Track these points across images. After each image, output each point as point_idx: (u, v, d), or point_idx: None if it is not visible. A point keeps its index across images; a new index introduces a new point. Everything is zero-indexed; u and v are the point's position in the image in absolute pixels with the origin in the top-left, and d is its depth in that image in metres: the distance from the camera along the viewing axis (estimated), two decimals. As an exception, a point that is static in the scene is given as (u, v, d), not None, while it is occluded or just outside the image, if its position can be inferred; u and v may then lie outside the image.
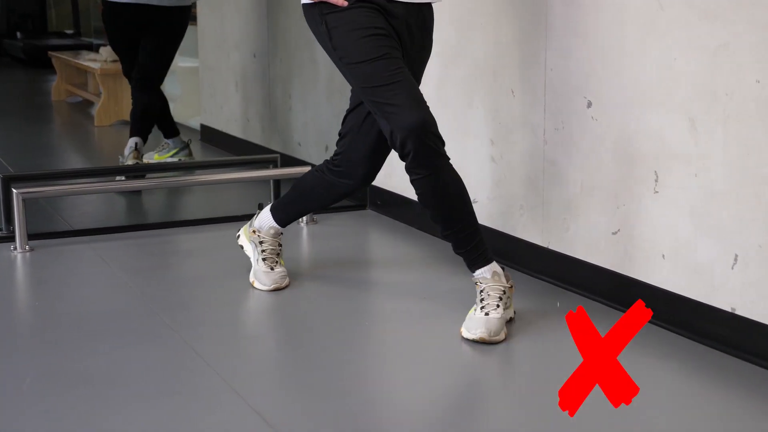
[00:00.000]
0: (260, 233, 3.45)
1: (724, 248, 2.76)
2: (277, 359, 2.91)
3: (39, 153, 6.37)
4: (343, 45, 2.92)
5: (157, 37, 5.20)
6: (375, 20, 2.90)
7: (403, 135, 2.81)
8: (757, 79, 2.60)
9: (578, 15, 3.18)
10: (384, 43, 2.88)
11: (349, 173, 3.21)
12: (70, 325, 3.08)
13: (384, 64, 2.86)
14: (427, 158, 2.85)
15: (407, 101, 2.83)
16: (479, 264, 2.97)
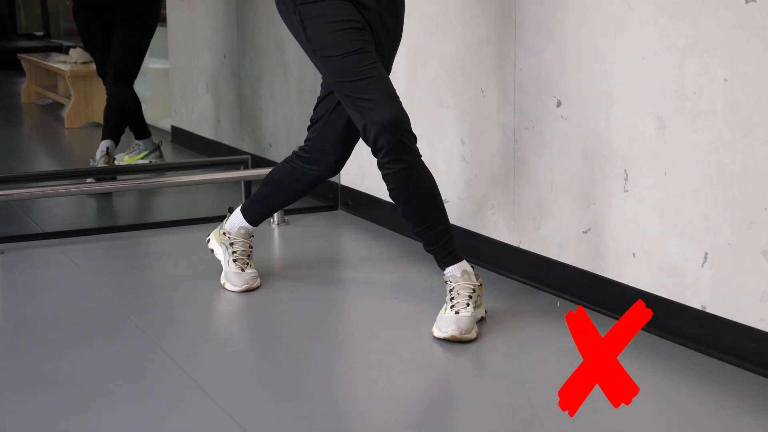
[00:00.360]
0: (230, 235, 3.44)
1: (693, 246, 2.78)
2: (248, 360, 2.90)
3: (9, 155, 6.32)
4: (317, 38, 2.92)
5: (129, 31, 5.18)
6: (349, 13, 2.91)
7: (377, 130, 2.83)
8: (725, 78, 2.61)
9: (547, 14, 3.19)
10: (358, 37, 2.90)
11: (319, 160, 3.23)
12: (40, 328, 3.06)
13: (358, 58, 2.87)
14: (400, 154, 2.86)
15: (381, 97, 2.85)
16: (449, 262, 2.98)
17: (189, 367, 2.72)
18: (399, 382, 2.68)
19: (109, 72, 5.23)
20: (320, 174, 3.27)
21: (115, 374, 2.70)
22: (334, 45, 2.89)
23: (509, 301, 3.27)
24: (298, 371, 2.73)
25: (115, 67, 5.21)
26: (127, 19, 5.14)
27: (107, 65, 5.26)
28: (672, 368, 2.73)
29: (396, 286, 3.44)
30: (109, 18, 5.13)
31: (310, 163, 3.25)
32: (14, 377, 2.69)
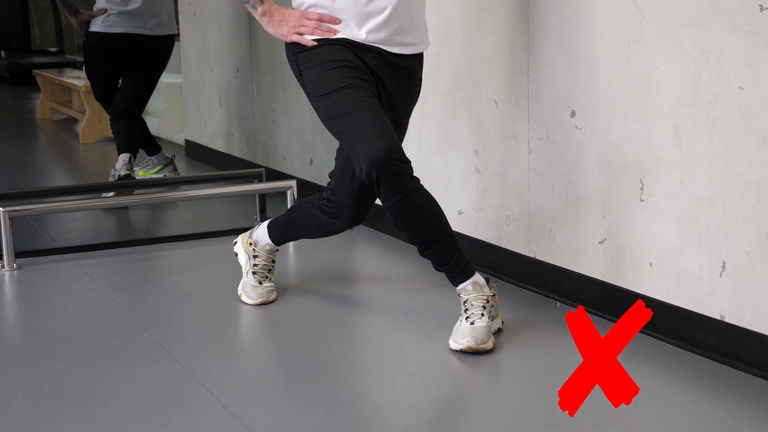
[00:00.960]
0: (256, 247, 3.43)
1: (711, 256, 2.77)
2: (265, 374, 2.90)
3: (25, 171, 6.36)
4: (309, 81, 2.93)
5: (144, 67, 5.22)
6: (341, 53, 2.90)
7: (367, 166, 2.77)
8: (741, 86, 2.61)
9: (560, 25, 3.20)
10: (347, 74, 2.87)
11: (338, 215, 3.20)
12: (59, 342, 3.07)
13: (345, 94, 2.85)
14: (396, 184, 2.81)
15: (368, 131, 2.79)
16: (460, 279, 2.96)
17: (206, 380, 2.72)
18: (416, 395, 2.67)
19: (119, 105, 5.22)
20: (340, 226, 3.24)
21: (133, 387, 2.70)
22: (323, 84, 2.89)
23: (525, 312, 3.27)
24: (315, 384, 2.72)
25: (125, 101, 5.22)
26: (143, 55, 5.18)
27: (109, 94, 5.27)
28: (691, 379, 2.71)
29: (412, 298, 3.44)
30: (125, 52, 5.15)
31: (330, 216, 3.22)
32: (33, 390, 2.70)
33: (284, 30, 2.97)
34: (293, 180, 4.47)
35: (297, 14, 2.96)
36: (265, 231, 3.43)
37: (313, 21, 2.93)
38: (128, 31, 5.12)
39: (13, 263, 3.88)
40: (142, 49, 5.16)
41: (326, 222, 3.24)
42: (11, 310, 3.57)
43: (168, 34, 5.25)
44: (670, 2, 2.79)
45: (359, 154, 2.78)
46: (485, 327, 2.90)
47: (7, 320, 3.44)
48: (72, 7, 5.25)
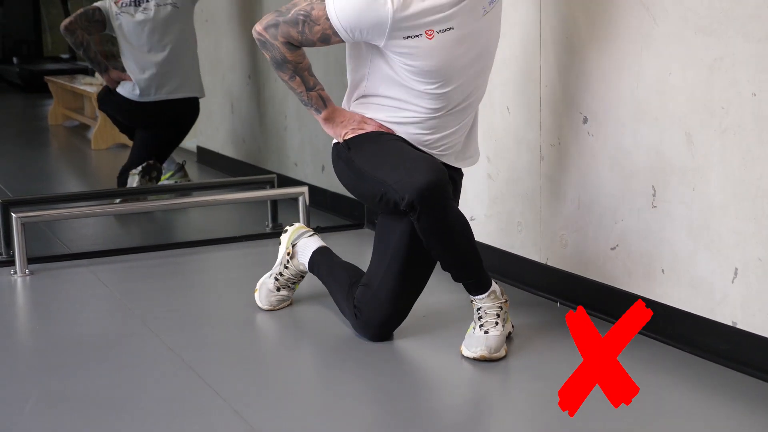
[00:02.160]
0: (293, 258, 3.37)
1: (723, 262, 2.76)
2: (278, 380, 2.90)
3: (37, 177, 6.38)
4: (360, 157, 2.92)
5: (170, 130, 5.25)
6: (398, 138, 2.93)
7: (412, 195, 2.71)
8: (754, 92, 2.61)
9: (572, 31, 3.20)
10: (396, 139, 2.91)
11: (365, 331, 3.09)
12: (71, 348, 3.08)
13: (393, 144, 2.87)
14: (438, 209, 2.77)
15: (421, 163, 2.77)
16: (481, 291, 2.94)
17: (219, 386, 2.73)
18: (429, 401, 2.67)
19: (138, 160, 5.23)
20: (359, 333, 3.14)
21: (146, 393, 2.71)
22: (372, 152, 2.89)
23: (537, 318, 3.27)
24: (328, 390, 2.73)
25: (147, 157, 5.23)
26: (169, 124, 5.24)
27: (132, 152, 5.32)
28: (703, 385, 2.71)
29: (422, 303, 3.43)
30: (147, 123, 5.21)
31: (355, 326, 3.12)
32: (46, 396, 2.70)
33: (344, 131, 2.99)
34: (305, 186, 4.47)
35: (358, 117, 2.98)
36: (309, 254, 3.33)
37: (373, 126, 2.95)
38: (147, 99, 5.16)
39: (25, 269, 3.90)
40: (164, 113, 5.20)
41: (350, 319, 3.14)
42: (24, 315, 3.58)
43: (189, 97, 5.29)
44: (682, 9, 2.79)
45: (404, 184, 2.73)
46: (499, 336, 2.89)
47: (19, 326, 3.46)
48: (102, 66, 5.26)
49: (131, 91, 5.18)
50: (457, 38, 2.80)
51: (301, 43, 2.86)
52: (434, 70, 2.82)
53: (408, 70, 2.83)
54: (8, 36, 12.67)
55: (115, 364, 2.93)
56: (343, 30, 2.77)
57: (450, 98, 2.89)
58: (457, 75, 2.86)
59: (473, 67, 2.89)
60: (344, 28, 2.77)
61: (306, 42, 2.85)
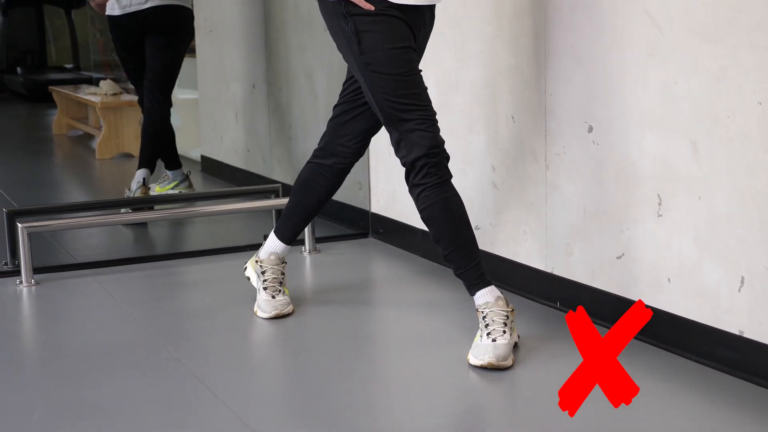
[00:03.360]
0: (262, 263, 3.47)
1: (730, 271, 2.76)
2: (284, 389, 2.90)
3: (42, 187, 6.38)
4: (372, 52, 2.97)
5: (160, 38, 5.23)
6: (404, 33, 2.99)
7: (419, 152, 2.94)
8: (759, 101, 2.61)
9: (578, 40, 3.20)
10: (411, 57, 2.99)
11: (337, 151, 3.33)
12: (77, 357, 3.08)
13: (410, 80, 2.97)
14: (437, 170, 2.96)
15: (424, 121, 2.96)
16: (479, 285, 2.98)
17: (224, 395, 2.73)
18: (434, 410, 2.67)
19: (146, 84, 5.26)
20: (342, 164, 3.35)
21: (151, 402, 2.71)
22: (388, 63, 2.96)
23: (542, 327, 3.26)
24: (332, 399, 2.73)
25: (150, 76, 5.24)
26: (157, 28, 5.20)
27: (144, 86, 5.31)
28: (710, 394, 2.71)
29: (428, 313, 3.44)
30: (139, 28, 5.18)
31: (328, 156, 3.34)
32: (52, 406, 2.70)
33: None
34: (309, 195, 4.47)
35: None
36: (272, 239, 3.48)
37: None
38: (125, 11, 5.17)
39: (31, 279, 3.90)
40: (150, 24, 5.18)
41: (329, 166, 3.35)
42: (29, 325, 3.58)
43: (163, 5, 5.23)
44: (687, 17, 2.79)
45: (411, 140, 2.96)
46: (507, 344, 2.89)
47: (25, 336, 3.46)
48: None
49: (119, 6, 5.19)
50: None
51: None
52: None
53: None
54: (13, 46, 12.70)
55: (120, 374, 2.93)
56: None
57: None
58: None
59: None
60: None
61: None
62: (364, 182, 4.53)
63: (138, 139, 5.72)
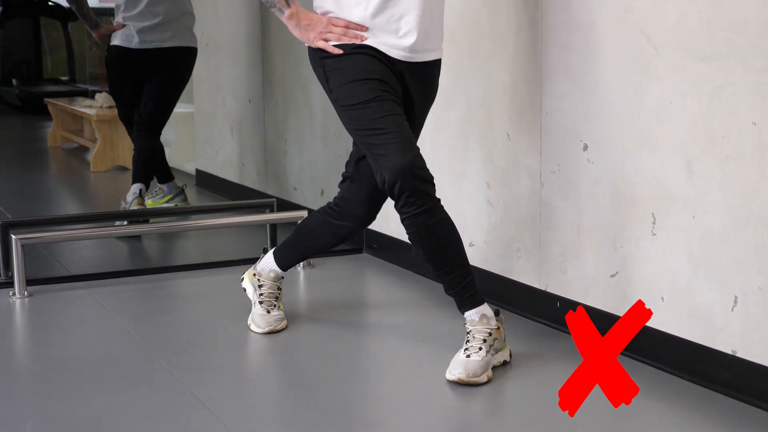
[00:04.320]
0: (260, 277, 3.46)
1: (723, 290, 2.76)
2: (276, 403, 2.90)
3: (36, 199, 6.37)
4: (337, 89, 2.98)
5: (163, 80, 5.24)
6: (370, 65, 2.95)
7: (391, 177, 2.86)
8: (754, 122, 2.62)
9: (573, 59, 3.21)
10: (376, 86, 2.93)
11: (348, 214, 3.25)
12: (70, 370, 3.07)
13: (374, 107, 2.91)
14: (416, 198, 2.88)
15: (395, 144, 2.87)
16: (468, 306, 2.98)
17: (217, 409, 2.72)
18: (426, 426, 2.67)
19: (139, 120, 5.26)
20: (349, 228, 3.29)
21: (144, 416, 2.70)
22: (352, 95, 2.94)
23: (535, 344, 3.26)
24: (324, 414, 2.72)
25: (145, 115, 5.24)
26: (163, 68, 5.20)
27: (134, 114, 5.30)
28: (703, 413, 2.71)
29: (421, 329, 3.44)
30: (145, 66, 5.19)
31: (338, 218, 3.27)
32: (44, 419, 2.70)
33: (311, 35, 3.01)
34: (304, 210, 4.48)
35: (324, 20, 3.00)
36: (270, 258, 3.46)
37: (340, 28, 2.98)
38: (145, 46, 5.17)
39: (24, 291, 3.89)
40: (160, 62, 5.19)
41: (338, 226, 3.29)
42: (22, 337, 3.57)
43: (185, 46, 5.27)
44: (683, 37, 2.81)
45: (384, 166, 2.86)
46: (480, 361, 2.90)
47: (17, 348, 3.45)
48: (92, 21, 5.31)
49: (127, 40, 5.18)
50: None
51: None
52: None
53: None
54: (9, 57, 12.69)
55: (113, 387, 2.92)
56: None
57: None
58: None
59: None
60: None
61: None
62: (358, 198, 4.53)
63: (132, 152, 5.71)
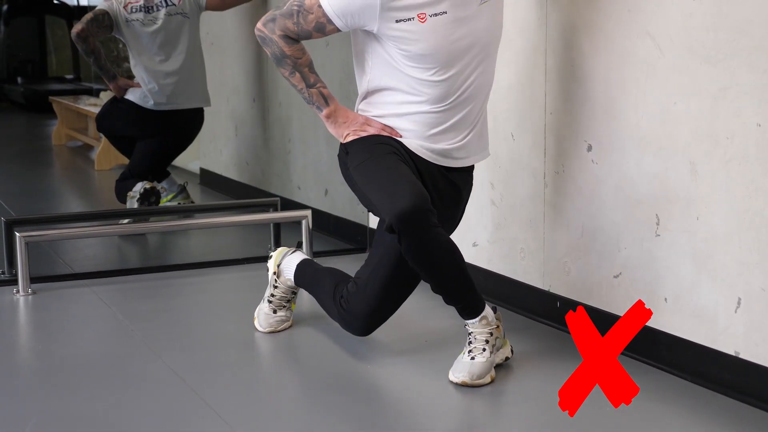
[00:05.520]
0: (279, 278, 3.40)
1: (727, 292, 2.76)
2: (278, 403, 2.90)
3: (40, 197, 6.38)
4: (353, 153, 2.96)
5: (170, 139, 5.27)
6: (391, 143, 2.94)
7: (392, 219, 2.73)
8: (758, 123, 2.62)
9: (578, 59, 3.21)
10: (389, 151, 2.90)
11: (349, 321, 3.14)
12: (73, 368, 3.07)
13: (381, 160, 2.88)
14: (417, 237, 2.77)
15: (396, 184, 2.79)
16: (470, 316, 2.96)
17: (220, 408, 2.72)
18: (423, 426, 2.67)
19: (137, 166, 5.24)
20: (344, 327, 3.19)
21: (147, 414, 2.71)
22: (363, 153, 2.92)
23: (538, 344, 3.26)
24: (326, 414, 2.72)
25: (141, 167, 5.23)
26: (172, 130, 5.24)
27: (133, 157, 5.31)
28: (705, 415, 2.70)
29: (424, 329, 3.44)
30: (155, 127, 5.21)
31: (341, 317, 3.16)
32: (47, 416, 2.70)
33: (345, 131, 2.99)
34: (308, 210, 4.48)
35: (361, 119, 2.99)
36: (293, 268, 3.37)
37: (375, 128, 2.96)
38: (165, 108, 5.17)
39: (27, 288, 3.90)
40: (172, 121, 5.20)
41: (337, 317, 3.18)
42: (25, 335, 3.58)
43: (198, 107, 5.31)
44: (687, 39, 2.81)
45: (385, 208, 2.77)
46: (484, 363, 2.90)
47: (21, 345, 3.45)
48: (110, 73, 5.26)
49: (142, 99, 5.18)
50: (450, 21, 2.85)
51: (298, 35, 2.92)
52: (429, 54, 2.85)
53: (404, 55, 2.87)
54: (13, 56, 12.71)
55: (116, 385, 2.92)
56: (335, 15, 2.84)
57: (450, 85, 2.91)
58: (454, 60, 2.88)
59: (471, 52, 2.91)
60: (336, 14, 2.84)
61: (302, 33, 2.91)
62: (362, 197, 4.53)
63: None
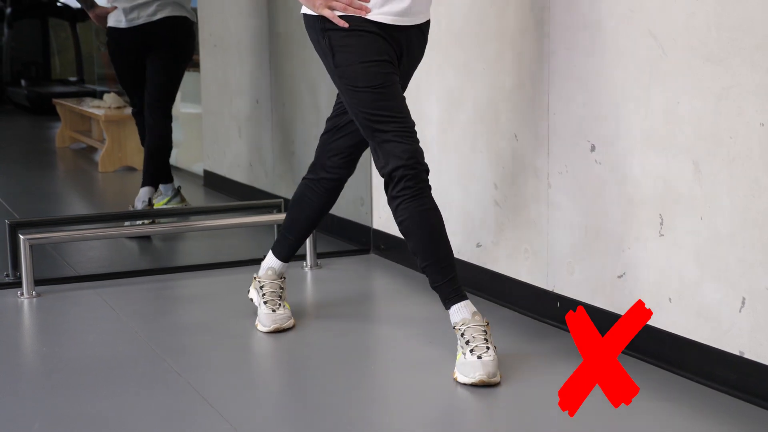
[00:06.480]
0: (260, 278, 3.50)
1: (731, 291, 2.76)
2: (283, 404, 2.90)
3: (44, 199, 6.39)
4: (344, 67, 3.02)
5: (161, 55, 5.22)
6: (380, 47, 3.00)
7: (394, 165, 2.95)
8: (762, 122, 2.61)
9: (581, 59, 3.21)
10: (384, 70, 3.00)
11: (327, 165, 3.35)
12: (77, 370, 3.08)
13: (382, 92, 2.98)
14: (415, 183, 2.97)
15: (399, 132, 2.97)
16: (454, 300, 2.99)
17: (224, 410, 2.73)
18: (425, 426, 2.67)
19: (147, 100, 5.24)
20: (331, 180, 3.38)
21: (151, 416, 2.71)
22: (361, 77, 2.99)
23: (543, 345, 3.26)
24: (331, 415, 2.73)
25: (151, 92, 5.23)
26: (159, 42, 5.19)
27: (142, 101, 5.30)
28: (710, 414, 2.70)
29: (428, 330, 3.43)
30: (141, 43, 5.18)
31: (318, 171, 3.38)
32: (52, 418, 2.70)
33: (316, 2, 3.03)
34: (311, 211, 4.47)
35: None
36: (269, 258, 3.52)
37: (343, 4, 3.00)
38: (133, 24, 5.17)
39: (32, 291, 3.90)
40: (153, 37, 5.18)
41: (319, 181, 3.38)
42: (30, 337, 3.58)
43: (174, 15, 5.23)
44: (690, 38, 2.80)
45: (387, 152, 2.96)
46: (494, 360, 2.91)
47: (25, 348, 3.46)
48: (88, 2, 5.32)
49: (117, 21, 5.18)
50: None
51: None
52: None
53: None
54: (17, 58, 12.72)
55: (121, 387, 2.93)
56: None
57: None
58: None
59: None
60: None
61: None
62: (366, 198, 4.54)
63: (141, 152, 5.72)
